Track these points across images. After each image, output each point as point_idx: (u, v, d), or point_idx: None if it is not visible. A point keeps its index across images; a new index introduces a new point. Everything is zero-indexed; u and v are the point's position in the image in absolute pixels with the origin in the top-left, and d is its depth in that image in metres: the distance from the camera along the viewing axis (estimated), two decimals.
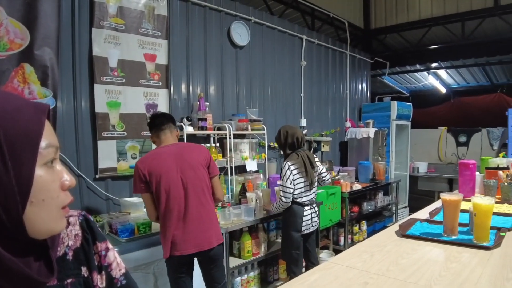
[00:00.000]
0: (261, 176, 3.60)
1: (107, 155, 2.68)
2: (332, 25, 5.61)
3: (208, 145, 3.20)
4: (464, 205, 1.51)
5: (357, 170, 4.83)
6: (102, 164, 2.66)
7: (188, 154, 2.12)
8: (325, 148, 4.41)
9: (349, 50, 5.51)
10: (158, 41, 2.97)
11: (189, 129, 2.98)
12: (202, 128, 3.07)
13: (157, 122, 2.17)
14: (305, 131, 4.38)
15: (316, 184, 2.94)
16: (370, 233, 4.58)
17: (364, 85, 6.13)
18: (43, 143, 0.50)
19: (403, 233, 1.41)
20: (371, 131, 4.93)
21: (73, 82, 2.53)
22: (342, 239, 4.25)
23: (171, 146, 2.14)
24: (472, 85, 7.96)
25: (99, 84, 2.62)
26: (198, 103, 3.12)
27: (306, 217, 2.83)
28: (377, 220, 4.98)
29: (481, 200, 1.27)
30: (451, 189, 5.72)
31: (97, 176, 2.64)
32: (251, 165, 3.38)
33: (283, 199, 2.73)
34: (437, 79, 7.62)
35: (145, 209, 2.19)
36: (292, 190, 2.73)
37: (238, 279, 2.93)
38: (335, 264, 1.13)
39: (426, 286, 0.95)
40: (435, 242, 1.30)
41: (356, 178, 4.78)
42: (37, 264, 0.53)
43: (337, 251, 3.83)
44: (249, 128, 3.42)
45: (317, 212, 2.98)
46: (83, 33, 2.56)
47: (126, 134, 2.79)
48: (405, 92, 7.93)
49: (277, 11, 4.93)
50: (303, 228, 2.82)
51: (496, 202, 1.59)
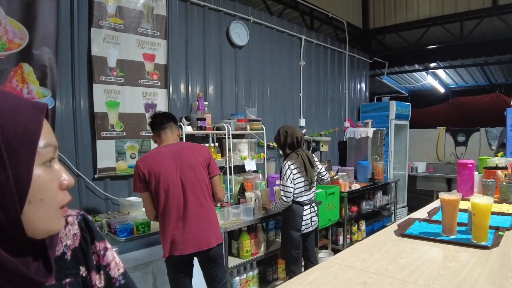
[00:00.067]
0: (260, 176, 3.60)
1: (106, 155, 2.68)
2: (331, 25, 5.61)
3: (207, 145, 3.20)
4: (463, 205, 1.51)
5: (356, 170, 4.84)
6: (101, 164, 2.65)
7: (188, 154, 2.12)
8: (324, 148, 4.41)
9: (348, 50, 5.51)
10: (157, 41, 2.97)
11: (188, 129, 2.98)
12: (201, 128, 3.06)
13: (158, 121, 2.17)
14: (304, 131, 4.38)
15: (316, 184, 2.95)
16: (369, 233, 4.59)
17: (363, 85, 6.14)
18: (42, 143, 0.50)
19: (402, 233, 1.41)
20: (370, 131, 4.94)
21: (72, 82, 2.52)
22: (341, 239, 4.25)
23: (171, 146, 2.14)
24: (471, 85, 7.97)
25: (98, 84, 2.62)
26: (197, 103, 3.12)
27: (306, 217, 2.83)
28: (376, 220, 4.99)
29: (480, 200, 1.27)
30: (450, 189, 5.74)
31: (96, 176, 2.64)
32: (250, 165, 3.38)
33: (284, 199, 2.73)
34: (436, 79, 7.63)
35: (144, 209, 2.19)
36: (293, 190, 2.74)
37: (237, 279, 2.93)
38: (334, 264, 1.13)
39: (425, 286, 0.95)
40: (434, 242, 1.30)
41: (355, 178, 4.80)
42: (36, 264, 0.53)
43: (336, 251, 3.84)
44: (248, 128, 3.42)
45: (317, 212, 2.99)
46: (82, 33, 2.56)
47: (125, 134, 2.79)
48: (404, 92, 7.93)
49: (276, 11, 4.93)
50: (303, 228, 2.82)
51: (495, 202, 1.59)
